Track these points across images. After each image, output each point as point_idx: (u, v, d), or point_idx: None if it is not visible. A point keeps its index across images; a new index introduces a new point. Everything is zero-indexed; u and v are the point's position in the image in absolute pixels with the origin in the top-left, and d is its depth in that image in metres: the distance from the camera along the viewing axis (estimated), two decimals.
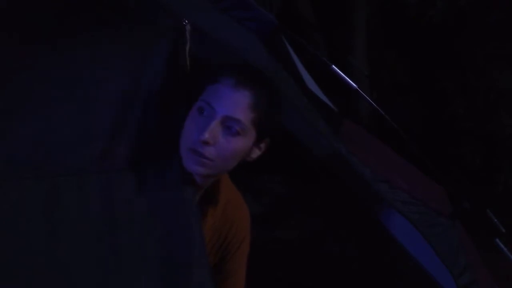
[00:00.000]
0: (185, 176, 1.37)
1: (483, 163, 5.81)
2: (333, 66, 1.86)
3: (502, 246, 2.18)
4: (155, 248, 1.29)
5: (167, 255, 1.29)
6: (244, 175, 1.65)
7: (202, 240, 1.33)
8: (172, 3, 1.48)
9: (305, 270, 3.80)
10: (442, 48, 5.97)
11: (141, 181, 1.33)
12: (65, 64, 1.35)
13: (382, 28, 6.32)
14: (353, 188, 2.05)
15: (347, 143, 1.88)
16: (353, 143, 1.92)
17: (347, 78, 1.89)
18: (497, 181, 5.59)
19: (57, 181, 1.26)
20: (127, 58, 1.40)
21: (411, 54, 6.07)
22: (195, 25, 1.44)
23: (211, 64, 1.42)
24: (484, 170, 5.75)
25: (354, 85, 1.91)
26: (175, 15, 1.44)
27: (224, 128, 1.35)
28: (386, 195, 1.91)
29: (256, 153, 1.46)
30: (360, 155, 1.88)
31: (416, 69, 6.11)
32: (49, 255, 1.22)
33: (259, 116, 1.38)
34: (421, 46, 5.96)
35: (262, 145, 1.46)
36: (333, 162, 1.91)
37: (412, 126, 4.83)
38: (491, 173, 5.67)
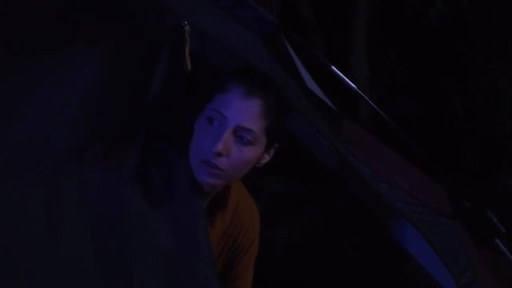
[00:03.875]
0: (192, 182, 1.36)
1: (482, 163, 5.80)
2: (333, 67, 1.86)
3: (502, 246, 2.18)
4: (159, 249, 1.28)
5: (171, 256, 1.29)
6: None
7: (208, 244, 1.33)
8: (172, 3, 1.48)
9: (305, 270, 3.80)
10: (442, 48, 5.96)
11: (145, 183, 1.33)
12: (65, 65, 1.35)
13: (382, 28, 6.32)
14: (354, 188, 2.05)
15: (347, 143, 1.88)
16: (353, 143, 1.92)
17: (347, 79, 1.89)
18: (496, 181, 5.58)
19: (57, 181, 1.26)
20: (127, 58, 1.40)
21: (411, 54, 6.06)
22: (195, 26, 1.44)
23: (218, 71, 1.41)
24: (484, 170, 5.74)
25: (354, 86, 1.91)
26: (175, 15, 1.44)
27: (236, 138, 1.33)
28: (386, 195, 1.91)
29: (266, 159, 1.44)
30: (361, 155, 1.89)
31: (416, 69, 6.10)
32: (49, 255, 1.22)
33: (270, 123, 1.36)
34: (421, 46, 5.96)
35: (272, 151, 1.44)
36: (333, 162, 1.91)
37: (412, 126, 4.82)
38: (491, 173, 5.66)
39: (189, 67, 1.42)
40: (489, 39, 5.76)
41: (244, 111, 1.32)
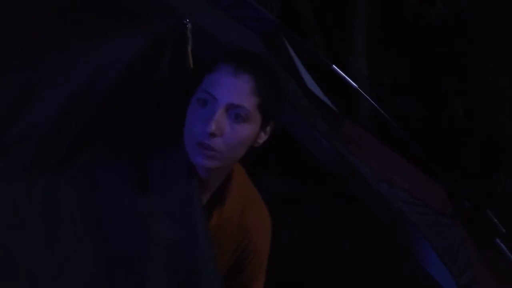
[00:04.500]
0: (189, 171, 1.35)
1: (483, 163, 5.80)
2: (334, 66, 1.86)
3: (502, 246, 2.18)
4: (159, 248, 1.28)
5: (171, 255, 1.29)
6: None
7: (209, 244, 1.32)
8: (172, 3, 1.48)
9: (305, 270, 3.80)
10: (442, 48, 5.96)
11: (145, 182, 1.33)
12: (65, 64, 1.35)
13: (382, 28, 6.32)
14: (354, 188, 2.05)
15: (347, 143, 1.88)
16: (353, 143, 1.92)
17: (348, 78, 1.89)
18: (496, 181, 5.58)
19: (57, 181, 1.26)
20: (127, 58, 1.39)
21: (411, 54, 6.06)
22: (196, 25, 1.44)
23: (208, 54, 1.41)
24: (484, 170, 5.74)
25: (355, 84, 1.91)
26: (176, 15, 1.44)
27: (229, 116, 1.31)
28: (386, 195, 1.91)
29: (262, 138, 1.42)
30: (360, 155, 1.89)
31: (416, 69, 6.10)
32: (49, 255, 1.22)
33: (262, 100, 1.34)
34: (421, 46, 5.96)
35: (268, 129, 1.42)
36: (333, 162, 1.91)
37: (412, 126, 4.83)
38: (491, 173, 5.67)
39: (191, 65, 1.42)
40: (489, 39, 5.77)
41: (235, 88, 1.31)
